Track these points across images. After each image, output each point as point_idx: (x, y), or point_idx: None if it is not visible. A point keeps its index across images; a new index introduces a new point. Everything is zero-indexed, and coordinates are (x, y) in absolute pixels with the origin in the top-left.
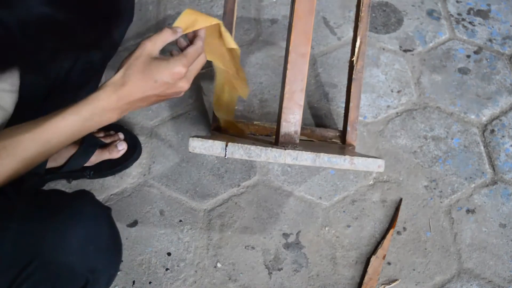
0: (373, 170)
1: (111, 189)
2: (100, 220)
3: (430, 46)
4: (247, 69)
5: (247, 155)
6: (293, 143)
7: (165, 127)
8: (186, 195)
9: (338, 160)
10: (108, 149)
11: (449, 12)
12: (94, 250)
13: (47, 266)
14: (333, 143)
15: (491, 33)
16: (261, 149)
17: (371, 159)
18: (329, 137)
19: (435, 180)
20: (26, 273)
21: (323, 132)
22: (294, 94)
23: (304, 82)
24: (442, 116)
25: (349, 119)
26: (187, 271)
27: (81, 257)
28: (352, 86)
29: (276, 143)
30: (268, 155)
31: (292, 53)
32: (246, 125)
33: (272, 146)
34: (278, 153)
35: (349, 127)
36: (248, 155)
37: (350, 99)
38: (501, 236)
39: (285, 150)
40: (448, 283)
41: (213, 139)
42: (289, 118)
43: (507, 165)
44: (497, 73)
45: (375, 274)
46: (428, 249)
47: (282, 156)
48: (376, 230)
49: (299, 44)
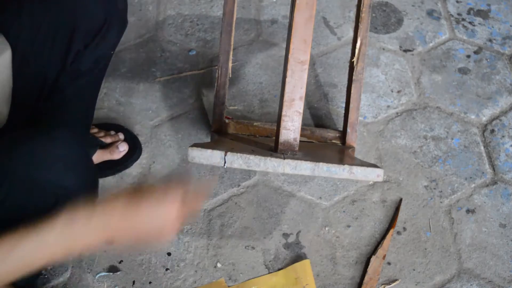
0: (372, 180)
1: (111, 189)
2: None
3: (430, 46)
4: (247, 69)
5: (246, 165)
6: (292, 150)
7: (165, 127)
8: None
9: (337, 170)
10: (109, 150)
11: (449, 12)
12: (64, 167)
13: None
14: (333, 144)
15: (491, 33)
16: (260, 159)
17: (370, 169)
18: (329, 138)
19: (435, 180)
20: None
21: (323, 133)
22: (293, 102)
23: (303, 89)
24: (442, 116)
25: (349, 121)
26: (187, 271)
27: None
28: (352, 87)
29: (276, 150)
30: (267, 164)
31: (291, 60)
32: (246, 126)
33: (271, 155)
34: (277, 163)
35: (349, 128)
36: (247, 164)
37: (350, 100)
38: (501, 236)
39: (284, 159)
40: (448, 283)
41: (212, 147)
42: (288, 126)
43: (507, 165)
44: (497, 73)
45: (375, 274)
46: (428, 249)
47: (281, 166)
48: (376, 230)
49: (298, 51)
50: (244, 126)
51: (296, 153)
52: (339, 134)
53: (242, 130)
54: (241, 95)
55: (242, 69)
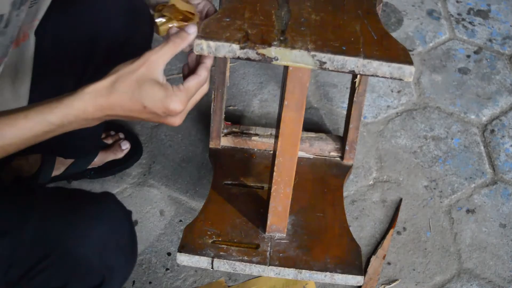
0: (352, 285)
1: (111, 189)
2: (121, 219)
3: (430, 46)
4: (247, 69)
5: (232, 269)
6: (280, 233)
7: (165, 127)
8: (186, 195)
9: (319, 276)
10: (112, 150)
11: (449, 12)
12: (114, 247)
13: (65, 258)
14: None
15: (491, 33)
16: (245, 265)
17: (351, 276)
18: (328, 150)
19: (435, 180)
20: (41, 266)
21: (322, 145)
22: (280, 193)
23: (291, 181)
24: (442, 116)
25: (348, 139)
26: (187, 271)
27: (100, 252)
28: (352, 108)
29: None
30: (252, 270)
31: (280, 157)
32: (244, 141)
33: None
34: (262, 269)
35: (347, 146)
36: (233, 269)
37: (350, 120)
38: (501, 236)
39: (268, 266)
40: (448, 283)
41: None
42: (276, 212)
43: (507, 165)
44: (497, 73)
45: (375, 274)
46: (428, 249)
47: (265, 271)
48: (376, 230)
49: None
50: (242, 140)
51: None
52: (338, 145)
53: (240, 144)
54: (241, 95)
55: (242, 69)
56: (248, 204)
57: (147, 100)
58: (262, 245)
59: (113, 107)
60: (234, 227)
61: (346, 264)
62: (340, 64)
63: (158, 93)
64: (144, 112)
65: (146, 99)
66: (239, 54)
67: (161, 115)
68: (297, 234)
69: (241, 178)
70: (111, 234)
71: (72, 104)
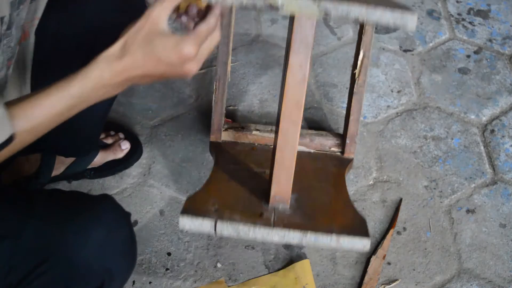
0: (358, 250)
1: (111, 189)
2: (120, 223)
3: (430, 46)
4: (247, 69)
5: (236, 233)
6: (284, 204)
7: (165, 127)
8: (186, 195)
9: (324, 240)
10: (112, 150)
11: (449, 12)
12: (113, 250)
13: (64, 263)
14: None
15: (491, 33)
16: (249, 228)
17: (357, 239)
18: (328, 145)
19: (435, 180)
20: (40, 270)
21: (322, 140)
22: (284, 160)
23: (295, 148)
24: (442, 116)
25: (349, 132)
26: (187, 271)
27: (100, 255)
28: (353, 99)
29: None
30: (256, 233)
31: (284, 122)
32: (244, 135)
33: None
34: (266, 232)
35: (348, 139)
36: (237, 233)
37: (350, 112)
38: (501, 236)
39: (273, 229)
40: (448, 283)
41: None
42: (280, 182)
43: (507, 165)
44: (497, 73)
45: (375, 274)
46: (428, 249)
47: (270, 235)
48: (376, 230)
49: (290, 112)
50: (243, 135)
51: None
52: (338, 141)
53: (241, 139)
54: (241, 95)
55: (242, 69)
56: (251, 183)
57: (160, 51)
58: (265, 214)
59: (128, 68)
60: (237, 199)
61: (352, 229)
62: (344, 11)
63: (169, 42)
64: (160, 65)
65: (159, 51)
66: (246, 2)
67: (177, 64)
68: (301, 207)
69: (243, 164)
70: (110, 237)
71: (87, 74)
